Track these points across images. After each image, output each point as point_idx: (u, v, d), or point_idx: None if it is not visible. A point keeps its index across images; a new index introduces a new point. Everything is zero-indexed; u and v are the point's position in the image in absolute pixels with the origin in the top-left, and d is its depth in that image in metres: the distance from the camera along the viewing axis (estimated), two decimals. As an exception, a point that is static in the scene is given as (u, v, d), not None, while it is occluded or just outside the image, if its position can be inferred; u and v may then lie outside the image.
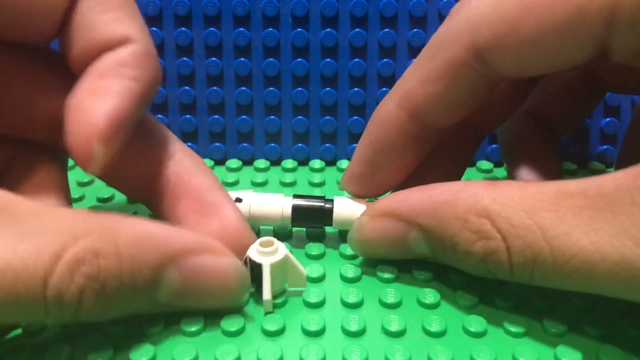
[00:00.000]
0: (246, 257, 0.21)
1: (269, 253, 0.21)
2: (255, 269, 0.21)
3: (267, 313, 0.21)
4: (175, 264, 0.19)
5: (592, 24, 0.18)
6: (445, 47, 0.21)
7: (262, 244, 0.21)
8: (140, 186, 0.22)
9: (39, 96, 0.21)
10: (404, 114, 0.22)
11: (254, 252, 0.21)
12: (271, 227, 0.26)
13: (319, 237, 0.26)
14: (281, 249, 0.21)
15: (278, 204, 0.25)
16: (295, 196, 0.25)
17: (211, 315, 0.21)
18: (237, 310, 0.21)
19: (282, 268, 0.21)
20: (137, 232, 0.18)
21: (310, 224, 0.25)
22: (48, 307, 0.17)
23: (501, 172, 0.33)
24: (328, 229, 0.26)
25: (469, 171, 0.33)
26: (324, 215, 0.25)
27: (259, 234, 0.26)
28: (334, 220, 0.25)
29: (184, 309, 0.20)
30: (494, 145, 0.33)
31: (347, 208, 0.25)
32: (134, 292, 0.18)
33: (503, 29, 0.19)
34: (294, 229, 0.26)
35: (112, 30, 0.20)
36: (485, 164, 0.33)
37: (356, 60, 0.32)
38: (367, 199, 0.25)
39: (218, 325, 0.21)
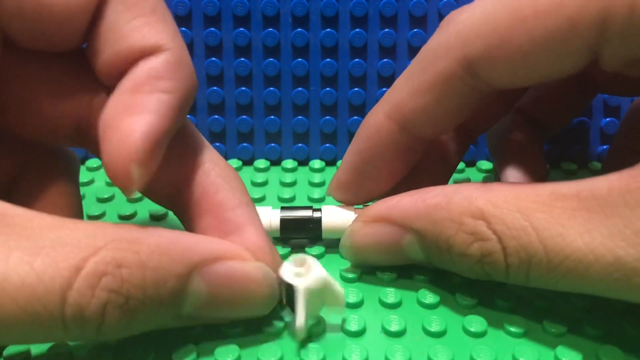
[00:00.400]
0: (278, 278, 0.20)
1: (303, 274, 0.19)
2: (289, 291, 0.20)
3: (301, 340, 0.20)
4: (200, 271, 0.18)
5: (583, 35, 0.18)
6: (436, 60, 0.21)
7: (295, 263, 0.20)
8: (165, 195, 0.21)
9: (63, 101, 0.20)
10: (393, 125, 0.22)
11: (289, 273, 0.20)
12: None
13: (318, 238, 0.26)
14: (316, 269, 0.19)
15: (266, 217, 0.25)
16: (283, 208, 0.25)
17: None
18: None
19: (318, 290, 0.19)
20: (159, 240, 0.17)
21: (300, 234, 0.25)
22: (67, 325, 0.16)
23: (501, 172, 0.33)
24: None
25: (469, 171, 0.33)
26: (313, 224, 0.25)
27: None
28: (323, 229, 0.25)
29: (209, 321, 0.20)
30: (494, 145, 0.33)
31: (335, 217, 0.25)
32: (159, 305, 0.17)
33: (494, 40, 0.19)
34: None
35: (143, 38, 0.19)
36: (485, 164, 0.33)
37: (356, 60, 0.32)
38: (354, 207, 0.25)
39: (218, 325, 0.21)
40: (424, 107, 0.21)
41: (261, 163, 0.33)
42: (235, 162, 0.33)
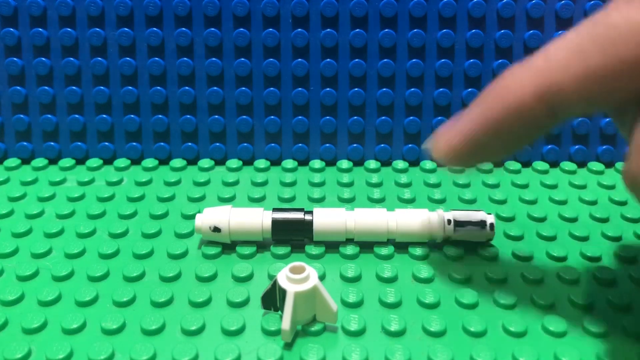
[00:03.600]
0: (275, 280, 0.20)
1: (297, 280, 0.20)
2: (281, 294, 0.20)
3: (285, 342, 0.20)
4: None
5: None
6: (623, 44, 0.17)
7: (292, 270, 0.20)
8: None
9: None
10: (542, 106, 0.19)
11: (283, 277, 0.20)
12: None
13: (310, 240, 0.26)
14: (312, 278, 0.20)
15: (257, 219, 0.25)
16: (275, 209, 0.25)
17: (211, 315, 0.21)
18: (237, 310, 0.22)
19: (309, 298, 0.20)
20: None
21: (291, 236, 0.25)
22: None
23: (501, 172, 0.33)
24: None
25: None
26: (304, 227, 0.25)
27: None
28: (314, 231, 0.25)
29: None
30: (493, 146, 0.33)
31: (326, 219, 0.25)
32: None
33: None
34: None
35: None
36: (485, 164, 0.33)
37: (356, 60, 0.32)
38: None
39: (218, 325, 0.21)
40: (591, 94, 0.18)
41: (261, 163, 0.33)
42: (235, 162, 0.33)
